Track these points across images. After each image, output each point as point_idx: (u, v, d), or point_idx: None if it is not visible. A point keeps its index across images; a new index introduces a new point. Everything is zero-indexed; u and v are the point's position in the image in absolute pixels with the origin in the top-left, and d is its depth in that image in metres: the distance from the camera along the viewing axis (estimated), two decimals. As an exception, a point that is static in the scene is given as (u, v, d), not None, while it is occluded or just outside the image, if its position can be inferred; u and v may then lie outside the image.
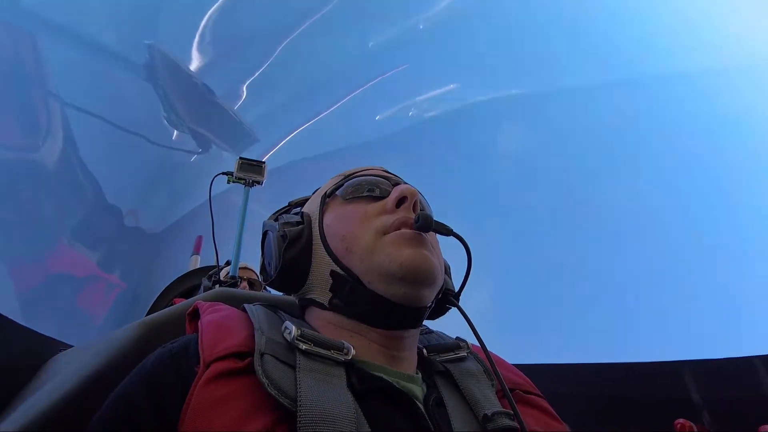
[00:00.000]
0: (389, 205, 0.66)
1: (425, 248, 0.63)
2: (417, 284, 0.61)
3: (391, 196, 0.67)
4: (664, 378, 1.20)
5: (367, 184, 0.71)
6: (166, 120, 3.41)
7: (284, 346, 0.55)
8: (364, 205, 0.68)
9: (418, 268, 0.60)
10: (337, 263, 0.64)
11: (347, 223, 0.67)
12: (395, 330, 0.63)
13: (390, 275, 0.60)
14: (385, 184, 0.71)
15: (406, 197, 0.66)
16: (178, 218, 3.61)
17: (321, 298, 0.66)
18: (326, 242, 0.67)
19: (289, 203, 0.86)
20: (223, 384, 0.48)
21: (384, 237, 0.63)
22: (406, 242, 0.62)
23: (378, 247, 0.62)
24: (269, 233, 0.74)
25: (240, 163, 1.97)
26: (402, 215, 0.64)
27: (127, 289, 3.03)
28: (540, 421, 0.64)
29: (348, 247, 0.64)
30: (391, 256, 0.60)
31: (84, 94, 2.49)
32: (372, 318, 0.62)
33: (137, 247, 3.20)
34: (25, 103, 1.99)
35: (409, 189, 0.66)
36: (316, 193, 0.80)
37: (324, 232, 0.68)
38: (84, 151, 2.42)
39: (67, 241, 2.32)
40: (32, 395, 0.76)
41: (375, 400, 0.53)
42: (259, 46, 3.71)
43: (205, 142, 3.77)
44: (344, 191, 0.71)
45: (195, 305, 0.66)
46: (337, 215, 0.69)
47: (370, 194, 0.70)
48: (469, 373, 0.65)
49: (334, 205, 0.72)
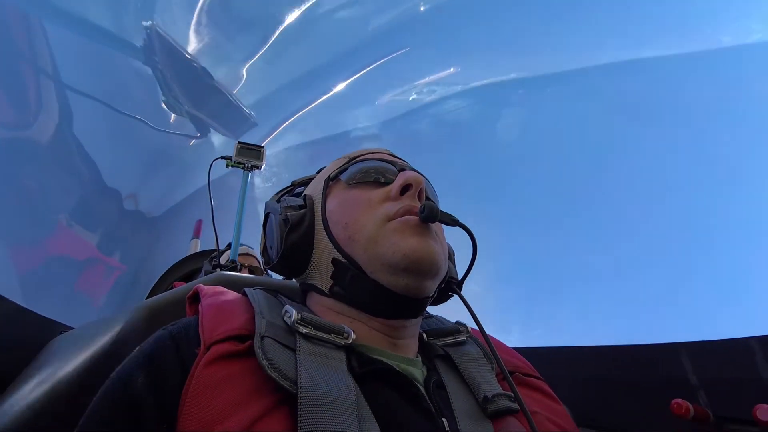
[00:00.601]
0: (393, 192, 0.65)
1: (430, 238, 0.62)
2: (420, 275, 0.60)
3: (395, 182, 0.66)
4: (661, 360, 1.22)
5: (371, 169, 0.70)
6: (165, 103, 3.38)
7: (284, 329, 0.55)
8: (367, 191, 0.67)
9: (422, 259, 0.59)
10: (339, 251, 0.63)
11: (350, 210, 0.65)
12: (397, 320, 0.63)
13: (393, 265, 0.59)
14: (390, 169, 0.70)
15: (410, 185, 0.65)
16: (177, 202, 3.60)
17: (321, 284, 0.65)
18: (328, 228, 0.66)
19: (293, 183, 0.85)
20: (224, 366, 0.48)
21: (388, 224, 0.62)
22: (410, 230, 0.61)
23: (381, 235, 0.61)
24: (271, 216, 0.73)
25: (239, 148, 1.96)
26: (407, 203, 0.63)
27: (127, 271, 3.04)
28: (539, 402, 0.64)
29: (351, 235, 0.63)
30: (395, 245, 0.59)
31: (81, 77, 2.46)
32: (373, 307, 0.62)
33: (137, 230, 3.20)
34: (21, 84, 1.97)
35: (414, 176, 0.65)
36: (319, 175, 0.79)
37: (326, 217, 0.67)
38: (82, 134, 2.41)
39: (66, 223, 2.32)
40: (34, 376, 0.77)
41: (375, 383, 0.54)
42: (259, 29, 3.67)
43: (204, 125, 3.75)
44: (348, 176, 0.70)
45: (195, 289, 0.66)
46: (340, 201, 0.68)
47: (374, 180, 0.68)
48: (468, 356, 0.66)
49: (337, 189, 0.70)
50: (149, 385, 0.49)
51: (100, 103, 2.65)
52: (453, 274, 0.74)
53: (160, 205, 3.46)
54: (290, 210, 0.69)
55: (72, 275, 2.38)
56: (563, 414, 0.65)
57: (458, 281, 0.72)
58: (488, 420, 0.56)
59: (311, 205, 0.70)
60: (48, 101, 2.17)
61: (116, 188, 2.81)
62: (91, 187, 2.56)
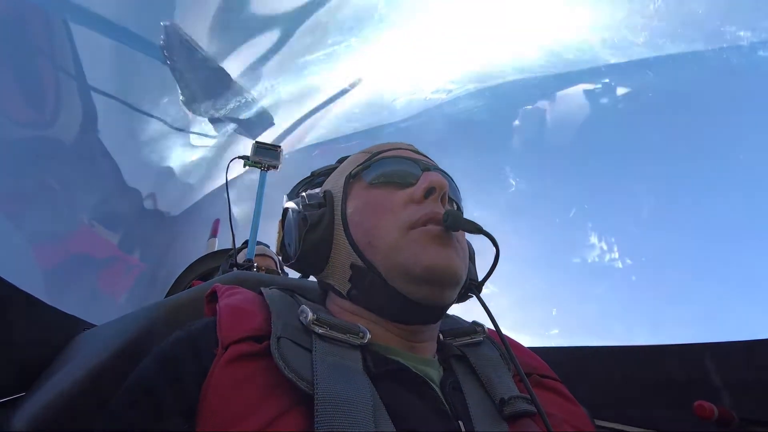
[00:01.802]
0: (417, 196, 0.62)
1: (451, 247, 0.60)
2: (440, 286, 0.59)
3: (419, 185, 0.63)
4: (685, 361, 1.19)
5: (393, 169, 0.67)
6: (183, 103, 3.42)
7: (300, 329, 0.55)
8: (390, 193, 0.65)
9: (443, 272, 0.58)
10: (359, 255, 0.62)
11: (372, 214, 0.63)
12: (415, 325, 0.62)
13: (413, 276, 0.58)
14: (413, 168, 0.67)
15: (434, 188, 0.62)
16: (195, 201, 3.65)
17: (339, 285, 0.65)
18: (348, 231, 0.64)
19: (312, 173, 0.83)
20: (242, 366, 0.49)
21: (410, 232, 0.60)
22: (432, 241, 0.59)
23: (403, 244, 0.59)
24: (290, 212, 0.71)
25: (256, 147, 1.97)
26: (430, 209, 0.61)
27: (147, 270, 3.09)
28: (556, 404, 0.63)
29: (371, 241, 0.61)
30: (416, 255, 0.58)
31: (103, 77, 2.51)
32: (391, 313, 0.61)
33: (156, 229, 3.25)
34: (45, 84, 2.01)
35: (438, 180, 0.62)
36: (339, 169, 0.75)
37: (347, 218, 0.65)
38: (103, 134, 2.45)
39: (88, 222, 2.37)
40: (59, 372, 0.79)
41: (391, 383, 0.53)
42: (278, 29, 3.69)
43: (222, 125, 3.79)
44: (370, 175, 0.67)
45: (213, 288, 0.66)
46: (361, 203, 0.65)
47: (397, 181, 0.66)
48: (485, 357, 0.65)
49: (358, 188, 0.68)
50: (169, 384, 0.50)
51: (120, 103, 2.70)
52: (473, 275, 0.73)
53: (178, 204, 3.51)
54: (309, 208, 0.67)
55: (94, 273, 2.43)
56: (581, 416, 0.64)
57: (478, 283, 0.70)
58: (504, 422, 0.56)
59: (331, 202, 0.68)
60: (71, 101, 2.21)
61: (136, 188, 2.86)
62: (111, 187, 2.61)
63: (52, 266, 1.96)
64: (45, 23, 2.06)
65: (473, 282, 0.70)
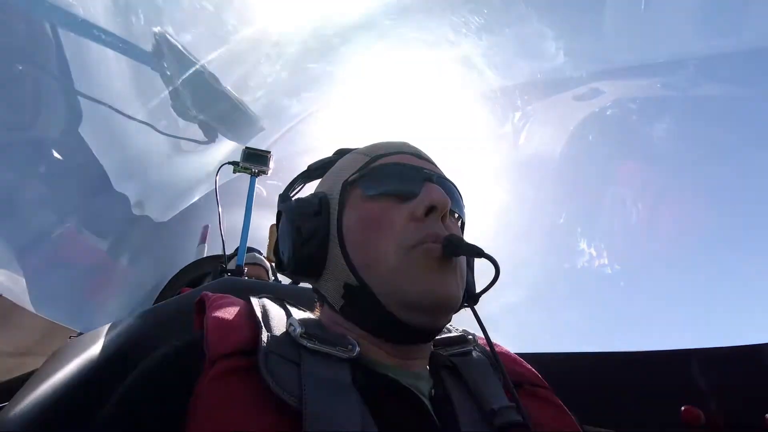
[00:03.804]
0: (418, 214, 0.60)
1: (449, 273, 0.59)
2: (435, 314, 0.59)
3: (420, 201, 0.60)
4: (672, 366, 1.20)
5: (393, 180, 0.64)
6: (173, 108, 3.41)
7: (289, 342, 0.54)
8: (389, 208, 0.62)
9: (439, 301, 0.57)
10: (354, 275, 0.60)
11: (369, 232, 0.61)
12: (407, 345, 0.62)
13: (408, 302, 0.57)
14: (415, 178, 0.64)
15: (436, 207, 0.60)
16: (184, 207, 3.62)
17: (332, 299, 0.63)
18: (345, 248, 0.62)
19: (309, 167, 0.79)
20: (229, 382, 0.48)
21: (410, 254, 0.58)
22: (430, 266, 0.57)
23: (402, 267, 0.57)
24: (284, 218, 0.68)
25: (246, 153, 1.97)
26: (431, 230, 0.59)
27: (135, 277, 3.06)
28: (547, 414, 0.63)
29: (369, 263, 0.59)
30: (414, 281, 0.57)
31: (91, 82, 2.49)
32: (383, 333, 0.60)
33: (145, 235, 3.22)
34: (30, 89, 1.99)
35: (440, 198, 0.60)
36: (337, 168, 0.71)
37: (343, 232, 0.63)
38: (91, 139, 2.43)
39: (76, 228, 2.34)
40: (44, 381, 0.77)
41: (381, 397, 0.53)
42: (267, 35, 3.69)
43: (212, 131, 3.77)
44: (368, 186, 0.64)
45: (201, 296, 0.65)
46: (359, 217, 0.63)
47: (397, 194, 0.63)
48: (475, 367, 0.65)
49: (356, 197, 0.65)
50: (154, 402, 0.49)
51: (109, 108, 2.67)
52: (471, 285, 0.70)
53: (167, 210, 3.48)
54: (304, 217, 0.65)
55: (81, 280, 2.40)
56: (570, 424, 0.64)
57: (474, 294, 0.68)
58: None
59: (326, 210, 0.65)
60: (58, 107, 2.19)
61: (125, 194, 2.83)
62: (100, 193, 2.58)
63: (38, 274, 1.93)
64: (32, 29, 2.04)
65: (470, 293, 0.68)
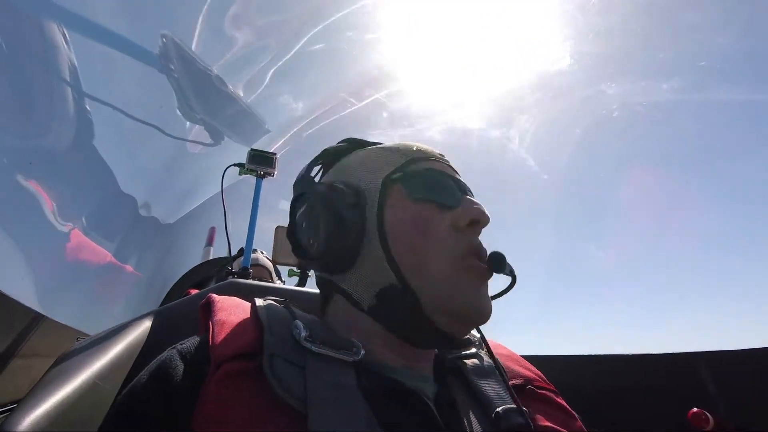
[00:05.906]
0: (461, 225, 0.61)
1: (486, 288, 0.62)
2: (473, 326, 0.62)
3: (464, 213, 0.61)
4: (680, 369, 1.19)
5: (437, 187, 0.64)
6: (179, 111, 3.42)
7: (294, 345, 0.54)
8: (433, 213, 0.62)
9: (482, 315, 0.59)
10: (398, 276, 0.59)
11: (419, 234, 0.60)
12: (424, 349, 0.63)
13: (453, 311, 0.58)
14: (455, 190, 0.65)
15: (479, 221, 0.62)
16: (191, 209, 3.64)
17: (359, 296, 0.62)
18: (386, 243, 0.60)
19: (325, 151, 0.77)
20: (234, 385, 0.48)
21: (461, 265, 0.59)
22: (478, 281, 0.60)
23: (456, 280, 0.58)
24: (317, 205, 0.64)
25: (251, 155, 1.98)
26: (474, 242, 0.61)
27: (142, 278, 3.07)
28: (552, 416, 0.63)
29: (418, 267, 0.59)
30: (464, 293, 0.58)
31: (98, 84, 2.50)
32: (412, 338, 0.60)
33: (152, 237, 3.23)
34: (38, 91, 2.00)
35: (482, 213, 0.61)
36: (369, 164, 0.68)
37: (385, 228, 0.61)
38: (98, 141, 2.44)
39: (83, 230, 2.35)
40: (50, 383, 0.78)
41: (386, 400, 0.53)
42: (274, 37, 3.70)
43: (218, 133, 3.79)
44: (412, 186, 0.64)
45: (207, 298, 0.65)
46: (405, 217, 0.62)
47: (440, 203, 0.63)
48: (479, 370, 0.65)
49: (398, 196, 0.63)
50: (160, 405, 0.49)
51: (115, 110, 2.69)
52: None
53: (174, 212, 3.49)
54: (343, 207, 0.62)
55: (88, 282, 2.41)
56: (576, 426, 0.64)
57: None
58: None
59: (364, 204, 0.64)
60: (65, 108, 2.20)
61: (132, 195, 2.85)
62: (106, 194, 2.60)
63: (46, 276, 1.94)
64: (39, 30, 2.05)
65: None
